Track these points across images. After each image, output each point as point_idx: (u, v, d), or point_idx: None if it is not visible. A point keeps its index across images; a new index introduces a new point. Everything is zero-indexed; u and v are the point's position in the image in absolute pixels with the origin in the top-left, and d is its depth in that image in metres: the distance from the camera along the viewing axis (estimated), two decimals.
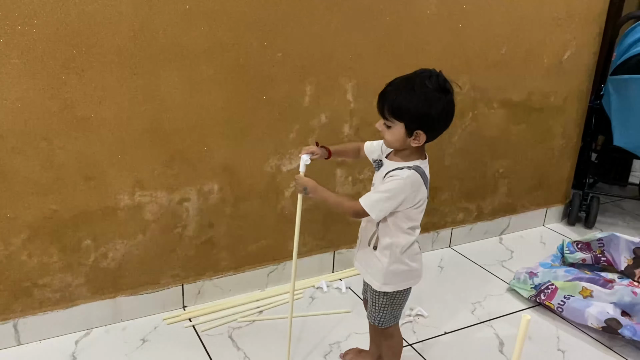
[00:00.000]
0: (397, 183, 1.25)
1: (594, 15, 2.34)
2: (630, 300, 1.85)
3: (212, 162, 1.76)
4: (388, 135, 1.28)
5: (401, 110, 1.23)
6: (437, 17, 1.99)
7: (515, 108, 2.30)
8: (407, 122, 1.24)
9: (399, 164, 1.29)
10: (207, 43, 1.63)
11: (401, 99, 1.23)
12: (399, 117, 1.24)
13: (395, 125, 1.25)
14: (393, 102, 1.24)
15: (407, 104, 1.22)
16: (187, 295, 1.87)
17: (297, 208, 1.42)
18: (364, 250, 1.40)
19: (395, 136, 1.26)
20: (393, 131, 1.26)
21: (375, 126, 1.30)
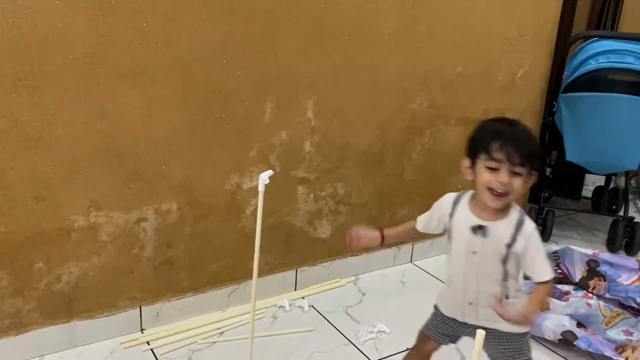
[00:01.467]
0: (538, 235, 1.21)
1: (544, 36, 2.43)
2: (585, 311, 1.90)
3: (170, 181, 1.73)
4: (518, 183, 1.16)
5: (536, 150, 1.19)
6: (395, 37, 2.03)
7: (472, 125, 2.29)
8: (534, 165, 1.18)
9: (510, 219, 1.21)
10: (164, 61, 1.61)
11: (532, 139, 1.19)
12: (532, 160, 1.16)
13: (525, 172, 1.16)
14: (531, 144, 1.17)
15: (538, 144, 1.21)
16: (145, 318, 1.82)
17: (257, 226, 1.40)
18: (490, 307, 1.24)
19: (524, 183, 1.17)
20: (524, 178, 1.17)
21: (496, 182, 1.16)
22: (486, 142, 1.17)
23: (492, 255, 1.22)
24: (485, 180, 1.18)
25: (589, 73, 2.34)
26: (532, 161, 1.16)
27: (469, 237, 1.23)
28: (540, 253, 1.21)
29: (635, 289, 1.97)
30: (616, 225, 2.61)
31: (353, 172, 2.13)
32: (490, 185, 1.17)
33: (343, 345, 1.80)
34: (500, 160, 1.15)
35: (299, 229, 2.07)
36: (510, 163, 1.14)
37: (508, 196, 1.17)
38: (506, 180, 1.15)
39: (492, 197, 1.18)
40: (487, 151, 1.17)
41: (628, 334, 1.88)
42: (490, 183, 1.17)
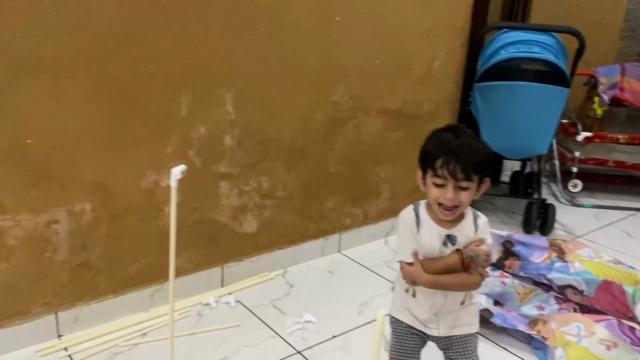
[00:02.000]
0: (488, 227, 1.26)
1: (458, 27, 2.52)
2: (500, 290, 1.99)
3: (82, 181, 1.66)
4: (465, 196, 1.18)
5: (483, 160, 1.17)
6: (312, 29, 2.04)
7: (391, 116, 2.41)
8: (484, 173, 1.18)
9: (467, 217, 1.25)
10: (71, 55, 1.55)
11: (477, 149, 1.17)
12: (479, 171, 1.17)
13: (472, 184, 1.17)
14: (476, 155, 1.16)
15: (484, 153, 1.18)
16: (62, 324, 1.75)
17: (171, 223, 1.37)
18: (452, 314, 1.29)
19: (471, 194, 1.18)
20: (471, 190, 1.18)
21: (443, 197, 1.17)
22: (432, 158, 1.18)
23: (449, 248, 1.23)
24: (434, 196, 1.20)
25: (499, 63, 2.44)
26: (478, 172, 1.17)
27: (440, 249, 1.24)
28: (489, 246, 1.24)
29: (546, 266, 2.09)
30: (530, 208, 2.75)
31: (277, 165, 2.13)
32: (439, 201, 1.19)
33: (270, 338, 1.80)
34: (445, 177, 1.16)
35: (224, 225, 2.04)
36: (455, 180, 1.16)
37: (458, 209, 1.20)
38: (451, 197, 1.16)
39: (443, 211, 1.20)
40: (433, 168, 1.18)
41: (540, 309, 1.99)
42: (439, 199, 1.19)
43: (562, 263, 2.09)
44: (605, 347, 1.71)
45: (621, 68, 3.27)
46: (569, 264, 2.08)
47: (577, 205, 3.17)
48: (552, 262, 2.10)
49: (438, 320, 1.29)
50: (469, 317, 1.31)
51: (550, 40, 2.50)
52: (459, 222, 1.24)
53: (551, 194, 3.35)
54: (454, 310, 1.29)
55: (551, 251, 2.15)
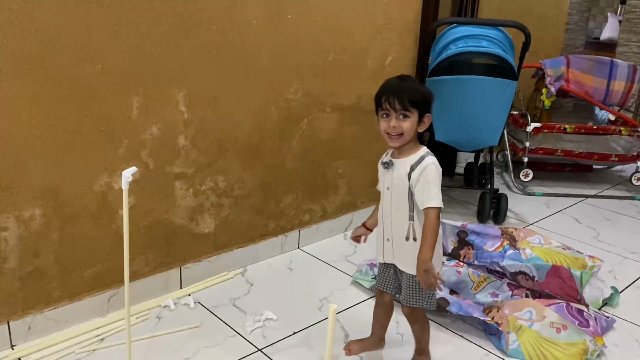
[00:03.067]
0: (435, 169, 1.42)
1: (409, 23, 2.56)
2: (456, 279, 2.05)
3: (31, 186, 1.62)
4: (406, 124, 1.41)
5: (418, 97, 1.41)
6: (264, 26, 2.04)
7: (346, 111, 2.43)
8: (422, 108, 1.42)
9: (414, 155, 1.45)
10: (13, 57, 1.50)
11: (413, 89, 1.41)
12: (414, 104, 1.40)
13: (412, 115, 1.41)
14: (412, 92, 1.40)
15: (419, 92, 1.42)
16: (14, 333, 1.70)
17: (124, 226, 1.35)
18: (400, 247, 1.51)
19: (412, 124, 1.42)
20: (411, 120, 1.41)
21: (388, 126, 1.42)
22: (379, 97, 1.44)
23: (401, 188, 1.46)
24: (382, 128, 1.45)
25: (450, 57, 2.50)
26: (415, 105, 1.40)
27: (383, 174, 1.51)
28: (432, 184, 1.41)
29: (499, 254, 2.16)
30: (484, 198, 2.83)
31: (233, 163, 2.12)
32: (386, 131, 1.43)
33: (230, 337, 1.80)
34: (388, 109, 1.42)
35: (180, 226, 2.03)
36: (397, 109, 1.40)
37: (402, 136, 1.42)
38: (394, 124, 1.41)
39: (389, 139, 1.44)
40: (379, 104, 1.44)
41: (494, 296, 2.05)
42: (386, 129, 1.43)
43: (513, 250, 2.16)
44: (555, 330, 1.78)
45: (566, 60, 3.40)
46: (520, 251, 2.15)
47: (528, 194, 3.28)
48: (504, 249, 2.17)
49: (393, 250, 1.53)
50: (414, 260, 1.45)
51: (498, 34, 2.57)
52: (405, 156, 1.46)
53: (504, 183, 3.45)
54: (402, 245, 1.50)
55: (503, 239, 2.22)
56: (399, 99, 1.40)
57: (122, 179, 1.29)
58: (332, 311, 0.78)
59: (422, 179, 1.42)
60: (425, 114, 1.44)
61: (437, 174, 1.43)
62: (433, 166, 1.43)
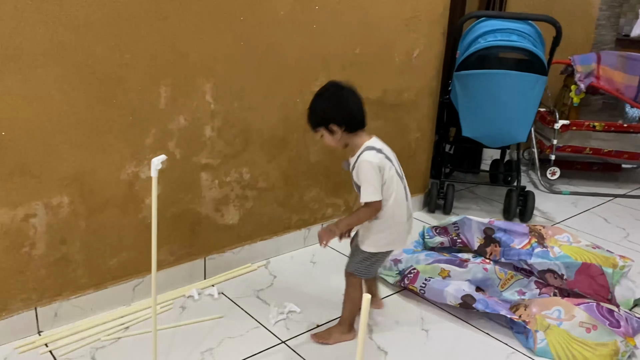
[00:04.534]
0: (365, 165, 1.55)
1: (437, 16, 2.52)
2: (482, 276, 2.02)
3: (59, 173, 1.63)
4: (325, 140, 1.60)
5: (311, 119, 1.60)
6: (291, 18, 2.02)
7: (372, 105, 2.40)
8: (322, 124, 1.58)
9: (357, 154, 1.59)
10: (45, 45, 1.51)
11: (309, 112, 1.61)
12: (315, 124, 1.59)
13: (320, 131, 1.60)
14: (308, 116, 1.61)
15: (311, 112, 1.60)
16: (41, 319, 1.72)
17: (152, 214, 1.35)
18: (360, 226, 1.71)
19: (328, 138, 1.60)
20: (324, 134, 1.59)
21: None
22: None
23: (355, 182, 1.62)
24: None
25: (478, 51, 2.46)
26: (315, 124, 1.60)
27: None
28: (365, 181, 1.56)
29: (526, 252, 2.12)
30: (510, 195, 2.78)
31: (258, 156, 2.12)
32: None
33: (254, 329, 1.80)
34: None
35: (205, 217, 2.03)
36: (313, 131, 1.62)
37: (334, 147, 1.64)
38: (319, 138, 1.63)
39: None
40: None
41: (521, 294, 2.02)
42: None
43: (541, 248, 2.12)
44: (585, 330, 1.74)
45: (597, 56, 3.32)
46: (549, 249, 2.11)
47: (555, 193, 3.22)
48: (532, 247, 2.13)
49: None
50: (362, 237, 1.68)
51: (528, 28, 2.52)
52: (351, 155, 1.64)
53: (530, 181, 3.39)
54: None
55: (531, 237, 2.18)
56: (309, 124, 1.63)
57: (151, 166, 1.28)
58: (366, 300, 0.76)
59: (360, 176, 1.58)
60: (329, 125, 1.57)
61: (369, 170, 1.55)
62: (364, 162, 1.56)
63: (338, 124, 1.57)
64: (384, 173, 1.57)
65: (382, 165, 1.57)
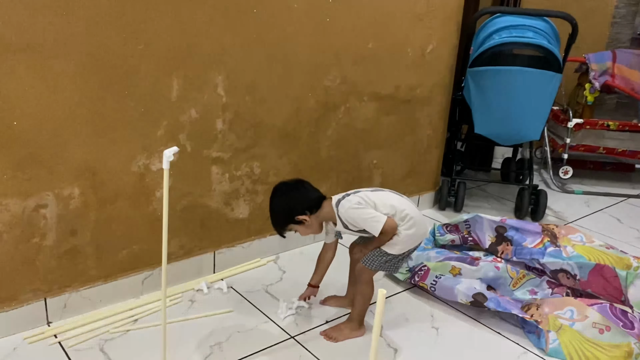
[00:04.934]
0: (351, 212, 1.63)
1: (451, 11, 2.49)
2: (494, 274, 1.99)
3: (70, 164, 1.63)
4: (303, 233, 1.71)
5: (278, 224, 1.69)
6: (304, 11, 2.00)
7: (384, 101, 2.39)
8: (290, 222, 1.67)
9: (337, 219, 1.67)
10: (57, 35, 1.51)
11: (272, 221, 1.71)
12: (284, 224, 1.68)
13: (292, 228, 1.69)
14: (275, 226, 1.70)
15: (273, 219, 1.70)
16: (51, 310, 1.72)
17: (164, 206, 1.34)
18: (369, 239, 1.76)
19: (300, 229, 1.69)
20: (301, 231, 1.70)
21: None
22: None
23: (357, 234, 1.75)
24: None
25: (492, 48, 2.43)
26: (282, 226, 1.69)
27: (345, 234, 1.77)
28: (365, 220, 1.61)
29: (539, 251, 2.09)
30: (522, 194, 2.75)
31: (269, 150, 2.10)
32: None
33: (263, 324, 1.79)
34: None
35: (215, 210, 2.02)
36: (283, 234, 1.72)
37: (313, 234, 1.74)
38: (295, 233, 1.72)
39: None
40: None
41: (533, 293, 1.99)
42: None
43: (554, 248, 2.09)
44: (598, 331, 1.71)
45: (612, 54, 3.28)
46: (562, 249, 2.08)
47: (567, 192, 3.18)
48: (544, 246, 2.10)
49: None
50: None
51: (544, 25, 2.48)
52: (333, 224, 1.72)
53: (542, 180, 3.36)
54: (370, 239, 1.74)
55: (544, 236, 2.15)
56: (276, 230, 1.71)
57: (163, 158, 1.27)
58: (382, 296, 0.75)
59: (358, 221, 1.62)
60: (295, 218, 1.65)
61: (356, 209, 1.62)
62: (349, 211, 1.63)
63: (302, 213, 1.64)
64: (367, 200, 1.64)
65: (359, 198, 1.64)
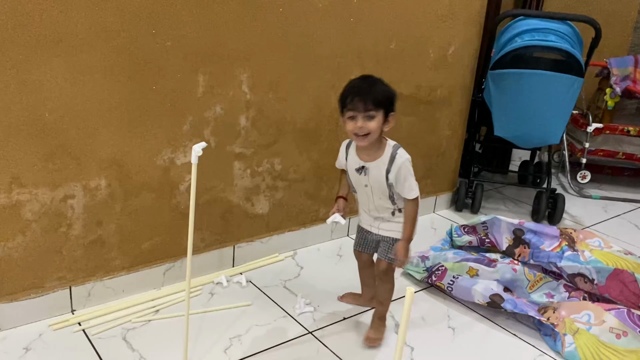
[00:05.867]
0: (407, 164, 1.53)
1: (474, 14, 2.50)
2: (511, 276, 2.00)
3: (98, 156, 1.67)
4: (372, 125, 1.46)
5: (382, 97, 1.46)
6: (329, 11, 2.02)
7: (405, 100, 2.40)
8: (387, 108, 1.48)
9: (385, 156, 1.54)
10: (89, 29, 1.54)
11: (377, 89, 1.47)
12: (380, 104, 1.46)
13: (377, 115, 1.46)
14: (376, 93, 1.46)
15: (384, 92, 1.48)
16: (75, 298, 1.76)
17: (191, 200, 1.37)
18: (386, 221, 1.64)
19: (378, 124, 1.47)
20: (377, 119, 1.46)
21: (355, 127, 1.46)
22: (343, 97, 1.49)
23: (379, 185, 1.56)
24: (349, 129, 1.49)
25: (514, 50, 2.43)
26: (379, 104, 1.46)
27: (357, 176, 1.59)
28: (408, 178, 1.54)
29: (556, 254, 2.09)
30: (540, 197, 2.75)
31: (290, 147, 2.13)
32: (353, 131, 1.48)
33: (281, 318, 1.82)
34: (352, 110, 1.46)
35: (236, 205, 2.05)
36: (362, 110, 1.45)
37: (369, 136, 1.48)
38: (360, 125, 1.46)
39: (357, 139, 1.50)
40: (344, 105, 1.48)
41: (549, 297, 2.00)
42: (352, 130, 1.48)
43: (572, 252, 2.09)
44: (615, 336, 1.72)
45: (634, 60, 3.25)
46: (579, 253, 2.08)
47: (585, 197, 3.17)
48: (562, 250, 2.10)
49: (379, 224, 1.66)
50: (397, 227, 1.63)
51: (566, 29, 2.48)
52: (375, 159, 1.54)
53: (559, 184, 3.35)
54: (388, 219, 1.64)
55: (562, 240, 2.15)
56: (363, 100, 1.44)
57: (192, 153, 1.30)
58: (410, 294, 0.77)
59: (400, 177, 1.53)
60: (390, 113, 1.49)
61: (410, 167, 1.54)
62: (406, 162, 1.53)
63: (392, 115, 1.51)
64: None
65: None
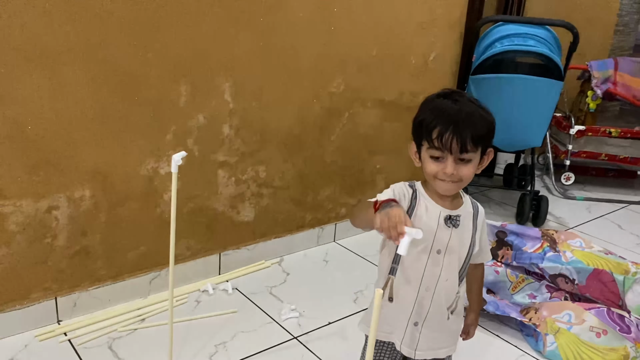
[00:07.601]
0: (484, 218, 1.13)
1: (454, 20, 2.54)
2: (493, 278, 2.03)
3: (81, 167, 1.68)
4: (467, 171, 1.02)
5: (484, 131, 1.01)
6: (310, 20, 2.05)
7: (387, 107, 2.43)
8: (486, 144, 1.04)
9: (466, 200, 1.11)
10: (70, 42, 1.56)
11: (478, 120, 1.01)
12: (479, 142, 1.01)
13: (475, 157, 1.02)
14: (476, 127, 1.00)
15: (485, 123, 1.02)
16: (61, 309, 1.77)
17: (171, 208, 1.39)
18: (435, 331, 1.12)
19: (474, 168, 1.04)
20: (474, 163, 1.03)
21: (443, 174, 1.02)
22: (427, 127, 1.02)
23: (461, 250, 1.09)
24: (431, 172, 1.04)
25: (495, 55, 2.47)
26: (480, 143, 1.01)
27: (439, 231, 1.07)
28: (485, 233, 1.16)
29: (538, 255, 2.12)
30: (523, 200, 2.79)
31: (274, 154, 2.15)
32: (438, 177, 1.04)
33: (266, 324, 1.83)
34: (442, 149, 1.00)
35: (221, 213, 2.07)
36: (454, 152, 1.00)
37: (460, 184, 1.04)
38: (451, 171, 1.01)
39: (442, 183, 1.04)
40: (429, 139, 1.01)
41: (532, 297, 2.03)
42: (437, 174, 1.03)
43: (553, 252, 2.12)
44: (595, 334, 1.75)
45: (614, 62, 3.31)
46: (561, 254, 2.11)
47: (569, 198, 3.21)
48: (544, 251, 2.14)
49: (419, 336, 1.11)
50: (454, 333, 1.16)
51: (545, 33, 2.52)
52: (459, 206, 1.09)
53: (544, 186, 3.39)
54: (440, 325, 1.11)
55: (543, 241, 2.18)
56: (460, 139, 0.98)
57: (172, 162, 1.32)
58: (378, 296, 0.79)
59: (483, 235, 1.13)
60: (487, 149, 1.06)
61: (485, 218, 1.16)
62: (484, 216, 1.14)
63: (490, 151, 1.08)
64: None
65: None
